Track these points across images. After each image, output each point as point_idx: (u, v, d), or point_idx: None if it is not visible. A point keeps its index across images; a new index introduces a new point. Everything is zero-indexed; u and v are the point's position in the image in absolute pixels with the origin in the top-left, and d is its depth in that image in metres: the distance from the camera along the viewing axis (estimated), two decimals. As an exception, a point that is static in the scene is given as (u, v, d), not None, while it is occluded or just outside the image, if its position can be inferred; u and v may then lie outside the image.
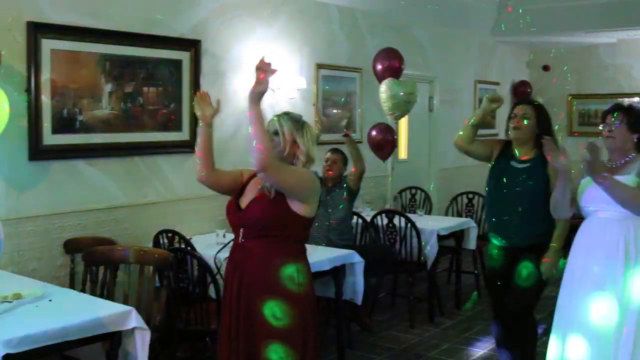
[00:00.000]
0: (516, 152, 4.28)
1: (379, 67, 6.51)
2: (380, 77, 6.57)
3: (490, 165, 4.44)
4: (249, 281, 3.04)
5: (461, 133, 4.43)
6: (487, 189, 4.45)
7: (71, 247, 4.68)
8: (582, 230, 3.62)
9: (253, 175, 3.25)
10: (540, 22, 9.24)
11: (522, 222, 4.18)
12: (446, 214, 7.73)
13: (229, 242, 4.76)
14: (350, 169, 5.94)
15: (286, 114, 3.19)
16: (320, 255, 4.76)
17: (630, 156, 3.58)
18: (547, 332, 5.09)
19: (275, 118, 3.15)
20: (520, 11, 9.19)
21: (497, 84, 10.29)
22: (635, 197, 3.35)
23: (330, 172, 5.83)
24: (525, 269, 4.19)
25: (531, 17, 9.22)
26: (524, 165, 4.21)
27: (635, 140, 3.58)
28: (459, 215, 7.63)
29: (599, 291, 3.41)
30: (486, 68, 10.11)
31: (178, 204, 5.52)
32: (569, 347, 3.52)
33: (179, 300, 4.42)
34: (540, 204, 4.06)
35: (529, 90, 10.78)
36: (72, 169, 4.86)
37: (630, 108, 3.62)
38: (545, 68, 10.97)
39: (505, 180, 4.25)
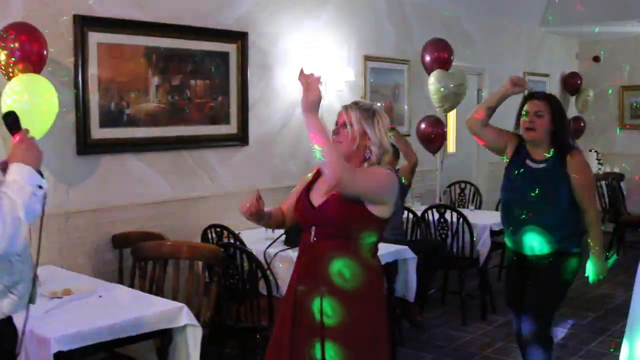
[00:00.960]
0: (531, 151, 3.85)
1: (428, 58, 6.38)
2: (429, 69, 6.44)
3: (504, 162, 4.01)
4: (322, 282, 2.84)
5: (473, 114, 3.96)
6: (502, 190, 3.98)
7: (119, 241, 4.63)
8: None
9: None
10: (590, 11, 9.00)
11: (543, 227, 3.75)
12: (496, 209, 7.52)
13: (279, 237, 4.74)
14: (402, 162, 5.80)
15: (355, 103, 2.97)
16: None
17: None
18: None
19: (343, 109, 2.94)
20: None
21: (546, 75, 10.03)
22: None
23: None
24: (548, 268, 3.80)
25: (581, 6, 8.98)
26: (541, 166, 3.78)
27: None
28: (510, 210, 7.42)
29: None
30: (535, 59, 9.85)
31: (226, 198, 5.44)
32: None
33: (229, 297, 4.33)
34: (561, 207, 3.74)
35: (579, 82, 10.49)
36: (119, 163, 4.82)
37: None
38: (596, 59, 10.67)
39: (522, 183, 3.82)
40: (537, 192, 3.74)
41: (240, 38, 5.42)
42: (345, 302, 2.81)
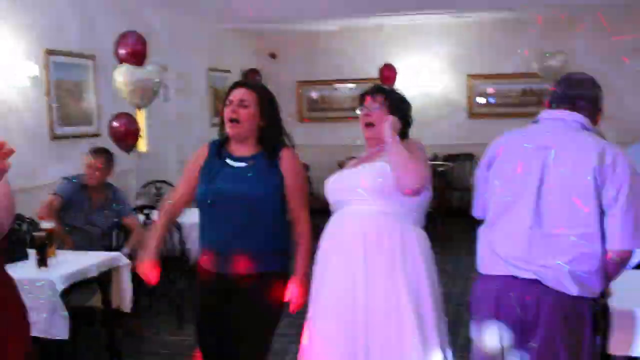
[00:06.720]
0: (233, 148, 3.23)
1: (122, 52, 6.00)
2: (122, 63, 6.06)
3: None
4: None
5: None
6: (197, 198, 3.22)
7: None
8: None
9: None
10: (268, 9, 9.30)
11: (247, 238, 3.10)
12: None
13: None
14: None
15: None
16: (84, 261, 4.22)
17: None
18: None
19: None
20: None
21: (228, 71, 10.15)
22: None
23: (93, 181, 5.18)
24: (248, 306, 3.15)
25: (259, 4, 9.24)
26: (244, 164, 3.17)
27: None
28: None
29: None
30: (218, 55, 9.91)
31: None
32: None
33: None
34: (272, 212, 3.17)
35: (258, 77, 10.78)
36: None
37: (392, 91, 3.35)
38: (272, 55, 11.07)
39: (221, 184, 3.14)
40: (242, 194, 3.10)
41: None
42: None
